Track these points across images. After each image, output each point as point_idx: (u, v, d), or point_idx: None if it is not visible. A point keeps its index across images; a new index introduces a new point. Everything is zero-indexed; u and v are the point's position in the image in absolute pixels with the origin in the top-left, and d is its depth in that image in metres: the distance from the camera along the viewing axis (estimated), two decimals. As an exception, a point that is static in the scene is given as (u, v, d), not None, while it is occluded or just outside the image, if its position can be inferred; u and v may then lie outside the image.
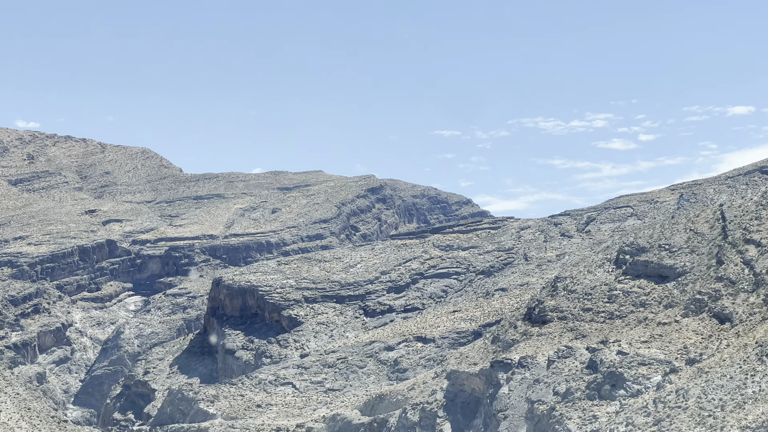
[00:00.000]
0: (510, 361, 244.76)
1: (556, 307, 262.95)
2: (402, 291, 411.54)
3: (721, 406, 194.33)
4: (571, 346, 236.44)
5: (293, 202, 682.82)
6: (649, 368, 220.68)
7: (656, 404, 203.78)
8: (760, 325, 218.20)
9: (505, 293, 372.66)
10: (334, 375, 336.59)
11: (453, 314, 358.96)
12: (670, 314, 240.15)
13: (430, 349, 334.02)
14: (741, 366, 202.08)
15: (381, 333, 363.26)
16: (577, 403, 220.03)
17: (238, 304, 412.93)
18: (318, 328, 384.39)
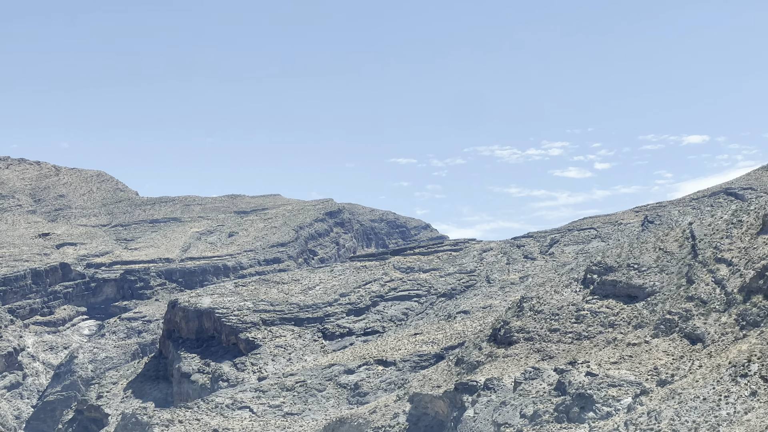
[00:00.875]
0: (475, 383, 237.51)
1: (523, 327, 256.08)
2: (362, 313, 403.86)
3: (694, 428, 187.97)
4: (538, 368, 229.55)
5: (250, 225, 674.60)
6: (619, 390, 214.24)
7: (627, 427, 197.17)
8: (733, 345, 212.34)
9: (467, 316, 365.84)
10: (292, 399, 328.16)
11: (414, 337, 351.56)
12: (639, 335, 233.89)
13: (391, 372, 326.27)
14: (714, 387, 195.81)
15: (340, 356, 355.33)
16: (545, 426, 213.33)
17: (194, 326, 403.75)
18: (276, 351, 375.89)
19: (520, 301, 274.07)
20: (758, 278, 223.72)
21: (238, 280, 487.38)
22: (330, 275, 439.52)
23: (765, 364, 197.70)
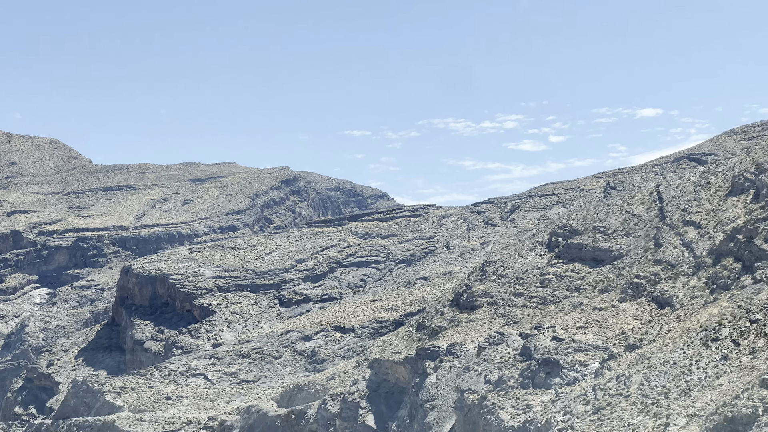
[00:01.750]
0: (437, 349, 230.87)
1: (486, 292, 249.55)
2: (319, 280, 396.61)
3: (665, 393, 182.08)
4: (502, 333, 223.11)
5: (205, 193, 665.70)
6: (586, 355, 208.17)
7: (596, 392, 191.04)
8: (703, 309, 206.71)
9: (427, 282, 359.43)
10: (248, 366, 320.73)
11: (373, 303, 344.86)
12: (606, 299, 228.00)
13: (349, 339, 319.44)
14: (684, 351, 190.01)
15: (297, 323, 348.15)
16: (511, 392, 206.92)
17: (147, 293, 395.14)
18: (231, 318, 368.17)
19: (483, 265, 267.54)
20: (728, 241, 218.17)
21: (193, 246, 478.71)
22: (287, 241, 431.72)
23: (736, 328, 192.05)
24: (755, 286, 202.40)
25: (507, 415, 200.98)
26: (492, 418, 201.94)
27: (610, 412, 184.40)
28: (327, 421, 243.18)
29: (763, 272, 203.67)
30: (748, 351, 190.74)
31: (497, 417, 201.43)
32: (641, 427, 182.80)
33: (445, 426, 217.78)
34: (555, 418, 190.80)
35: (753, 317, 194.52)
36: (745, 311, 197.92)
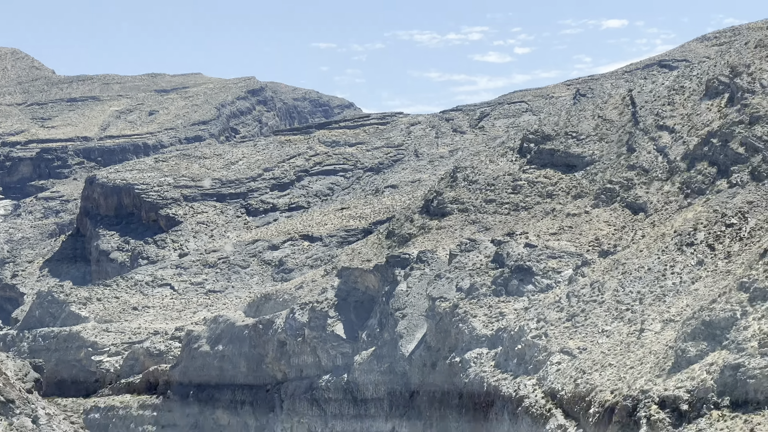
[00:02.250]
0: (407, 256, 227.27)
1: (457, 198, 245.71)
2: (286, 189, 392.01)
3: (639, 299, 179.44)
4: (474, 239, 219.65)
5: (171, 104, 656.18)
6: (560, 261, 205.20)
7: (569, 299, 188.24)
8: (677, 214, 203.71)
9: (395, 190, 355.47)
10: (215, 276, 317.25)
11: (341, 212, 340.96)
12: (579, 205, 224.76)
13: (317, 248, 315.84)
14: (659, 257, 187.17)
15: (264, 232, 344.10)
16: (483, 300, 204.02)
17: (113, 203, 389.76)
18: (197, 228, 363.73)
19: (453, 171, 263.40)
20: (702, 145, 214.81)
21: (158, 155, 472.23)
22: (253, 150, 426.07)
23: (711, 233, 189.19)
24: (730, 191, 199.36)
25: (479, 324, 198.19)
26: (464, 327, 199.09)
27: (584, 318, 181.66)
28: (295, 331, 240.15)
29: (739, 176, 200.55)
30: (723, 255, 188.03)
31: (469, 325, 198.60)
32: (616, 333, 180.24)
33: (416, 335, 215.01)
34: (528, 325, 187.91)
35: (728, 221, 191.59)
36: (721, 215, 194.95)
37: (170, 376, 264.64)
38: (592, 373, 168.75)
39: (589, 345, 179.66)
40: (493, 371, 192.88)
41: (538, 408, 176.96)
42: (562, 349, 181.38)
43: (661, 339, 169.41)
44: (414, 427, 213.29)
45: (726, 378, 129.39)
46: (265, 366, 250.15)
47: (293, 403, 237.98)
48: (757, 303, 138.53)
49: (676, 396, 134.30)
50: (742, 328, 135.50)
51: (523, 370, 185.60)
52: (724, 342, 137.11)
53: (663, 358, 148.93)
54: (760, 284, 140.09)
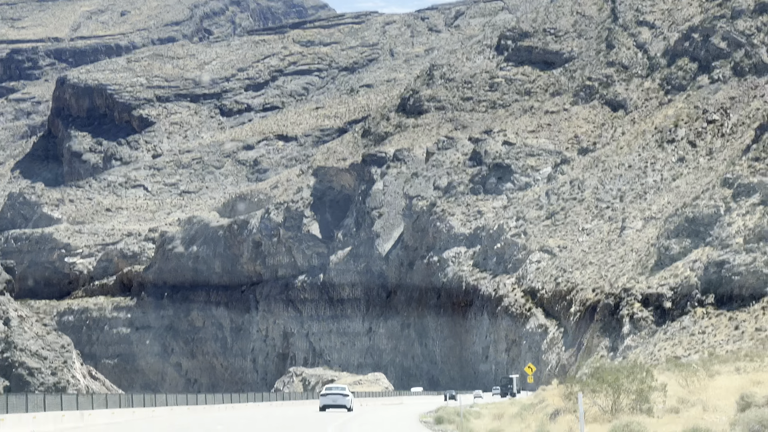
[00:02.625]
0: (384, 155, 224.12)
1: (433, 96, 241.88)
2: (261, 89, 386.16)
3: (620, 197, 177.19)
4: (452, 137, 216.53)
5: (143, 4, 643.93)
6: (538, 159, 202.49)
7: (549, 196, 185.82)
8: (658, 111, 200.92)
9: (371, 89, 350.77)
10: (189, 176, 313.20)
11: (316, 111, 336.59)
12: (558, 102, 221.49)
13: (292, 147, 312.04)
14: (640, 154, 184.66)
15: (239, 132, 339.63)
16: (461, 198, 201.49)
17: (85, 104, 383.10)
18: (171, 129, 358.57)
19: (429, 69, 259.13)
20: (683, 40, 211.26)
21: (130, 56, 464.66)
22: (227, 50, 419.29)
23: (693, 129, 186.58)
24: (712, 86, 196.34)
25: (457, 222, 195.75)
26: (442, 225, 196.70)
27: (564, 216, 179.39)
28: (270, 231, 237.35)
29: (720, 71, 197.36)
30: (705, 152, 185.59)
31: (447, 224, 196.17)
32: (596, 230, 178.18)
33: (393, 233, 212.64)
34: (507, 224, 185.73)
35: (710, 118, 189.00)
36: (702, 112, 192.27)
37: (144, 277, 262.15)
38: (573, 272, 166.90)
39: (569, 243, 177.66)
40: (471, 270, 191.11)
41: (518, 307, 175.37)
42: (541, 247, 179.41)
43: (642, 236, 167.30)
44: (391, 328, 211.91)
45: (710, 275, 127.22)
46: (240, 267, 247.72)
47: (269, 304, 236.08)
48: (741, 199, 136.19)
49: (660, 294, 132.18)
50: (725, 225, 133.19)
51: (502, 269, 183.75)
52: (708, 239, 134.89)
53: (645, 256, 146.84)
54: (744, 180, 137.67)
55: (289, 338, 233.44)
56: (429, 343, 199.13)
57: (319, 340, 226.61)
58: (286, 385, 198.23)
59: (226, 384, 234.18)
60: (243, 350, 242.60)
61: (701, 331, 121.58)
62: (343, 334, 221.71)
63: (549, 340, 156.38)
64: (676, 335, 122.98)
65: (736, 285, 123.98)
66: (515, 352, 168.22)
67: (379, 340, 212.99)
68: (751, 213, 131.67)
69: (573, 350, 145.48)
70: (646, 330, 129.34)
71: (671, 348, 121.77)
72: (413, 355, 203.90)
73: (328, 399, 77.78)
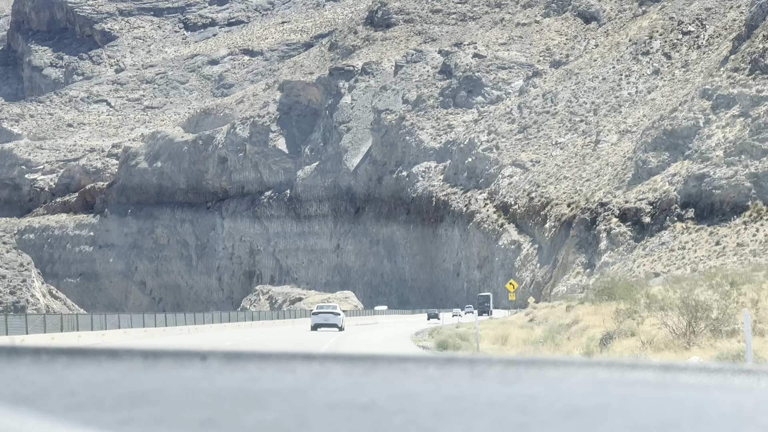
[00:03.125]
0: (351, 68, 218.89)
1: (402, 8, 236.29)
2: (225, 3, 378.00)
3: (593, 110, 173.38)
4: (420, 50, 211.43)
5: None
6: (510, 72, 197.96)
7: (521, 110, 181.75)
8: (632, 23, 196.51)
9: (337, 3, 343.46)
10: (153, 92, 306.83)
11: (282, 26, 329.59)
12: (529, 14, 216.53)
13: (258, 62, 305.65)
14: (614, 66, 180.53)
15: (203, 46, 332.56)
16: (431, 112, 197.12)
17: (45, 17, 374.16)
18: (134, 43, 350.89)
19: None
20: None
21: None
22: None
23: (668, 41, 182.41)
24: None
25: (427, 136, 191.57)
26: (411, 139, 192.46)
27: (537, 130, 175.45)
28: (236, 146, 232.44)
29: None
30: (680, 64, 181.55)
31: (417, 138, 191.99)
32: (570, 145, 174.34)
33: (361, 148, 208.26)
34: (479, 137, 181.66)
35: (685, 29, 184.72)
36: (677, 23, 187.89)
37: (107, 194, 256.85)
38: (547, 186, 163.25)
39: (542, 157, 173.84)
40: (442, 185, 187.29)
41: (491, 223, 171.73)
42: (514, 161, 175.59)
43: (618, 150, 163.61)
44: (359, 244, 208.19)
45: (690, 188, 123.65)
46: (205, 183, 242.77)
47: (235, 221, 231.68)
48: (721, 111, 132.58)
49: (638, 208, 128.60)
50: (705, 137, 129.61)
51: (473, 184, 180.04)
52: (687, 152, 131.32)
53: (621, 170, 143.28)
54: (723, 91, 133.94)
55: (256, 256, 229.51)
56: (398, 260, 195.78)
57: (286, 257, 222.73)
58: (252, 304, 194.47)
59: (191, 303, 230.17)
60: (208, 268, 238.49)
61: (681, 246, 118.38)
62: (310, 251, 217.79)
63: (523, 257, 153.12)
64: (656, 251, 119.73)
65: (717, 199, 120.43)
66: (487, 269, 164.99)
67: (347, 257, 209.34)
68: (731, 125, 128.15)
69: (548, 267, 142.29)
70: (624, 246, 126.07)
71: (650, 264, 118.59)
72: (382, 272, 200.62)
73: (320, 318, 77.69)
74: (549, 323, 51.93)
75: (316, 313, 79.56)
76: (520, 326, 55.59)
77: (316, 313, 79.71)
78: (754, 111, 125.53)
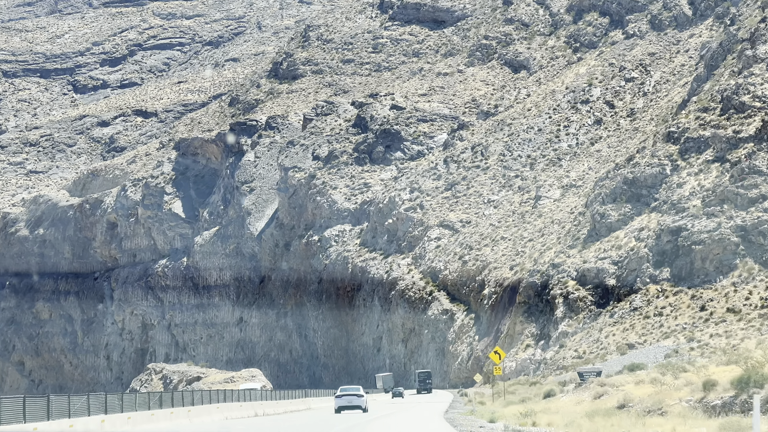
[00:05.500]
0: (255, 123, 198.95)
1: (310, 59, 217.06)
2: (118, 64, 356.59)
3: (530, 164, 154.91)
4: (332, 102, 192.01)
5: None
6: (432, 125, 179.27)
7: (447, 165, 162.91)
8: (567, 70, 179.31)
9: (237, 63, 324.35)
10: (37, 155, 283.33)
11: (178, 86, 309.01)
12: (451, 63, 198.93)
13: (152, 123, 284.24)
14: (551, 116, 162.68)
15: (93, 108, 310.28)
16: (344, 169, 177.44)
17: None
18: (19, 106, 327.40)
19: (304, 30, 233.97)
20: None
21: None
22: (81, 22, 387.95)
23: (609, 88, 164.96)
24: (627, 42, 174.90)
25: (341, 196, 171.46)
26: (323, 200, 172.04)
27: (467, 187, 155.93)
28: (127, 210, 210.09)
29: (636, 26, 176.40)
30: (625, 113, 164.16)
31: (329, 198, 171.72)
32: (505, 202, 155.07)
33: (266, 211, 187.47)
34: (399, 196, 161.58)
35: (628, 75, 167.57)
36: (619, 69, 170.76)
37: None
38: (482, 249, 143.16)
39: (473, 217, 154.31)
40: (358, 250, 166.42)
41: (417, 291, 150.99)
42: (441, 222, 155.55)
43: (563, 206, 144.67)
44: (265, 317, 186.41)
45: (663, 244, 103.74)
46: (92, 251, 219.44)
47: (125, 293, 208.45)
48: (690, 155, 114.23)
49: (599, 268, 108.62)
50: (675, 186, 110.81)
51: (395, 248, 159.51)
52: (653, 203, 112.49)
53: (574, 226, 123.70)
54: (692, 134, 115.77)
55: (149, 331, 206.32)
56: (309, 334, 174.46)
57: (182, 332, 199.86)
58: (143, 385, 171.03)
59: (76, 384, 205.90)
60: (95, 346, 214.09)
61: (657, 312, 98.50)
62: (210, 326, 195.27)
63: (457, 328, 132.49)
64: (626, 318, 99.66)
65: (698, 256, 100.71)
66: (414, 342, 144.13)
67: (252, 331, 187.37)
68: (705, 171, 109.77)
69: (489, 339, 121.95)
70: (585, 312, 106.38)
71: (621, 334, 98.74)
72: (291, 348, 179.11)
73: (344, 400, 77.88)
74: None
75: (340, 396, 79.02)
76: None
77: (340, 396, 79.10)
78: (732, 154, 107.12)
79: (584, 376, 64.69)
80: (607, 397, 47.56)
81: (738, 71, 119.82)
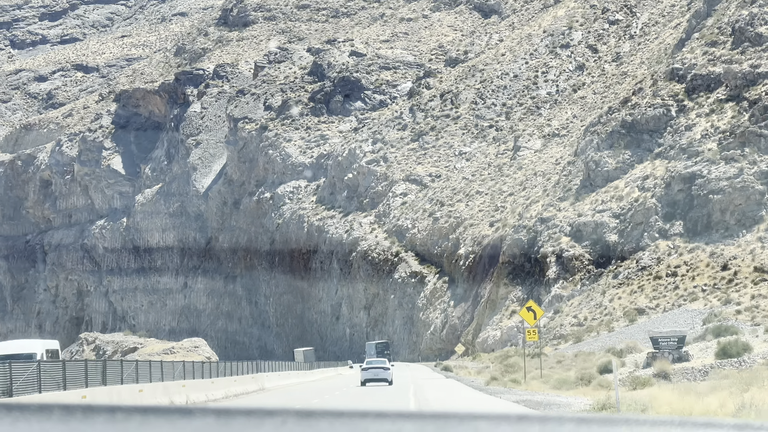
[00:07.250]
0: (201, 72, 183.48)
1: (262, 5, 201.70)
2: (58, 18, 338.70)
3: (505, 113, 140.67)
4: (286, 48, 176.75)
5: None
6: (395, 72, 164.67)
7: (414, 113, 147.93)
8: (544, 13, 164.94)
9: (185, 18, 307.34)
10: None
11: (121, 40, 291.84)
12: (415, 8, 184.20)
13: (93, 78, 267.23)
14: (527, 62, 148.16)
15: (31, 63, 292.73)
16: (299, 120, 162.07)
17: None
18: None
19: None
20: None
21: None
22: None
23: (592, 32, 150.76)
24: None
25: (295, 149, 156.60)
26: (276, 153, 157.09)
27: (435, 138, 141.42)
28: (62, 167, 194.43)
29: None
30: (610, 57, 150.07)
31: (282, 151, 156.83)
32: (479, 154, 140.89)
33: (214, 166, 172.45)
34: (360, 148, 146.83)
35: (612, 17, 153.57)
36: (601, 11, 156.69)
37: None
38: (455, 204, 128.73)
39: (443, 171, 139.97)
40: (315, 208, 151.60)
41: (381, 252, 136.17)
42: (408, 176, 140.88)
43: (545, 157, 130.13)
44: (212, 282, 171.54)
45: (674, 195, 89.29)
46: (24, 211, 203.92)
47: (59, 256, 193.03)
48: (699, 94, 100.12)
49: (598, 223, 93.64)
50: (682, 128, 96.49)
51: (356, 206, 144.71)
52: (657, 148, 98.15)
53: (564, 176, 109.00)
54: (700, 70, 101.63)
55: (85, 298, 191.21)
56: (260, 301, 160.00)
57: (121, 299, 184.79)
58: (73, 356, 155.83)
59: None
60: (26, 314, 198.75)
61: (671, 272, 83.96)
62: (151, 292, 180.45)
63: (428, 294, 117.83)
64: (634, 279, 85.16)
65: (716, 207, 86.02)
66: (378, 309, 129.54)
67: (197, 298, 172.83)
68: (719, 111, 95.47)
69: (466, 305, 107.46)
70: (582, 273, 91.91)
71: (629, 297, 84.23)
72: (240, 316, 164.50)
73: (370, 373, 74.80)
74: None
75: (366, 369, 75.98)
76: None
77: (366, 368, 76.04)
78: (749, 92, 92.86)
79: (660, 343, 49.47)
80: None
81: (750, 0, 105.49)
